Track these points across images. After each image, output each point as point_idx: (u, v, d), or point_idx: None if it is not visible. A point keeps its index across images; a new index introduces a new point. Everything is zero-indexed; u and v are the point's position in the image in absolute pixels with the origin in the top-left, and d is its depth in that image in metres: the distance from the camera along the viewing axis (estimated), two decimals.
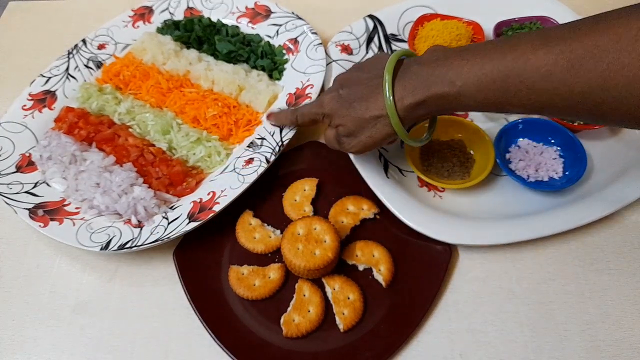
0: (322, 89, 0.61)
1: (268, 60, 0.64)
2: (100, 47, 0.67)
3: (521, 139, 0.57)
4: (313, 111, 0.49)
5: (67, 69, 0.65)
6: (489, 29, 0.66)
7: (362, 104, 0.44)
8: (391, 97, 0.41)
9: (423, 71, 0.40)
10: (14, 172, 0.55)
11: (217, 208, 0.50)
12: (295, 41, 0.66)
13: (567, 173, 0.55)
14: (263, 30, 0.68)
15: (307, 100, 0.58)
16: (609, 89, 0.32)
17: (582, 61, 0.33)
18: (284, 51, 0.66)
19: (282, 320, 0.47)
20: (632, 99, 0.32)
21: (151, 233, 0.50)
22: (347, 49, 0.66)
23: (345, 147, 0.48)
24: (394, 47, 0.68)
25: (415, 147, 0.57)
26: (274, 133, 0.56)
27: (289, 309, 0.47)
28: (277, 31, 0.67)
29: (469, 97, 0.38)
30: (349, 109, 0.45)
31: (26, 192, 0.54)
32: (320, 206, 0.54)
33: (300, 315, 0.47)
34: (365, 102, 0.43)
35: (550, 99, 0.35)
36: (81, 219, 0.52)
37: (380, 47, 0.68)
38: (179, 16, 0.71)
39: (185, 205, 0.52)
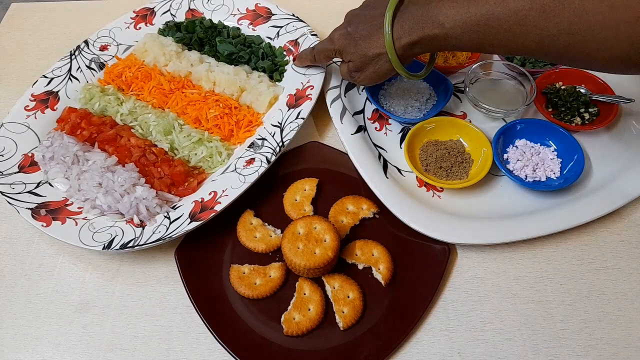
0: (322, 91, 0.62)
1: (269, 62, 0.65)
2: (103, 48, 0.68)
3: (519, 140, 0.58)
4: (326, 47, 0.54)
5: (70, 69, 0.65)
6: None
7: (366, 42, 0.48)
8: (390, 37, 0.46)
9: (418, 12, 0.45)
10: (17, 172, 0.56)
11: (218, 208, 0.51)
12: (295, 43, 0.66)
13: (564, 173, 0.55)
14: (264, 31, 0.69)
15: (306, 102, 0.59)
16: (574, 33, 0.36)
17: (552, 7, 0.37)
18: (285, 52, 0.67)
19: (282, 319, 0.47)
20: (594, 42, 0.36)
21: (153, 232, 0.50)
22: None
23: (356, 79, 0.53)
24: None
25: (412, 145, 0.58)
26: (274, 134, 0.57)
27: (289, 307, 0.48)
28: (278, 33, 0.68)
29: (455, 37, 0.43)
30: (356, 46, 0.49)
31: (29, 192, 0.54)
32: (320, 206, 0.55)
33: (300, 314, 0.47)
34: (369, 40, 0.48)
35: (524, 40, 0.39)
36: (83, 218, 0.52)
37: None
38: (181, 18, 0.71)
39: (186, 205, 0.52)
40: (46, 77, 0.64)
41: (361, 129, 0.59)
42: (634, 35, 0.34)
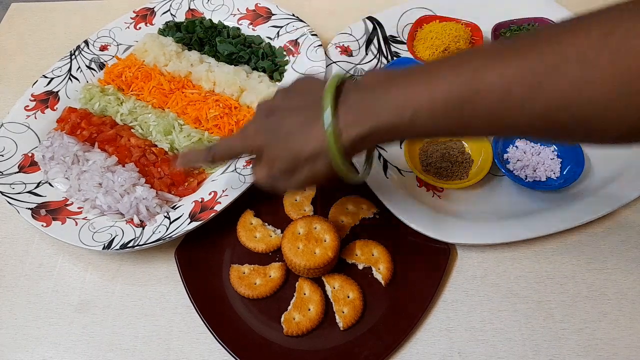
0: None
1: (269, 62, 0.65)
2: (103, 48, 0.68)
3: (519, 140, 0.58)
4: (237, 144, 0.41)
5: (70, 69, 0.65)
6: (487, 30, 0.67)
7: (299, 138, 0.36)
8: (332, 131, 0.34)
9: (366, 98, 0.34)
10: (17, 172, 0.56)
11: (218, 208, 0.51)
12: (295, 43, 0.66)
13: (564, 173, 0.55)
14: (264, 31, 0.69)
15: None
16: (573, 107, 0.29)
17: (542, 78, 0.29)
18: (285, 52, 0.67)
19: (282, 319, 0.47)
20: (598, 117, 0.28)
21: (153, 232, 0.50)
22: (346, 51, 0.66)
23: (281, 185, 0.39)
24: (393, 49, 0.68)
25: (412, 144, 0.58)
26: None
27: (289, 307, 0.48)
28: (278, 33, 0.68)
29: (421, 125, 0.33)
30: (283, 144, 0.37)
31: (29, 192, 0.54)
32: (320, 206, 0.55)
33: (300, 314, 0.47)
34: (303, 136, 0.36)
35: (511, 121, 0.31)
36: (83, 218, 0.53)
37: (379, 49, 0.68)
38: (181, 18, 0.71)
39: (186, 205, 0.52)
40: (46, 77, 0.64)
41: None
42: None
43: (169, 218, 0.51)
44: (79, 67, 0.66)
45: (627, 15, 0.27)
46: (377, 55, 0.68)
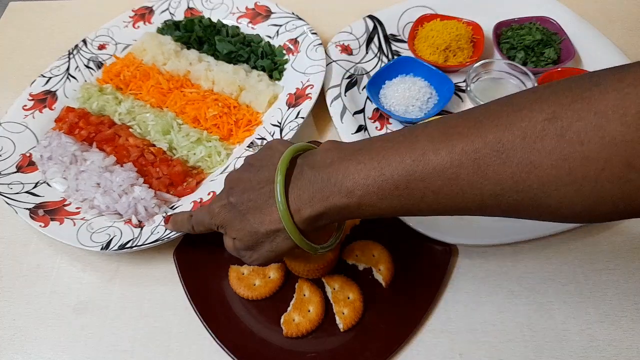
0: (322, 90, 0.61)
1: (268, 61, 0.65)
2: (101, 47, 0.67)
3: None
4: (205, 221, 0.43)
5: (68, 69, 0.65)
6: (488, 29, 0.67)
7: (256, 216, 0.37)
8: (286, 210, 0.35)
9: (317, 178, 0.35)
10: (15, 172, 0.56)
11: None
12: (295, 41, 0.66)
13: None
14: (263, 30, 0.69)
15: (306, 101, 0.58)
16: (523, 191, 0.28)
17: (488, 161, 0.29)
18: (284, 51, 0.66)
19: (282, 320, 0.47)
20: (550, 199, 0.28)
21: (151, 233, 0.50)
22: (347, 49, 0.66)
23: (246, 260, 0.41)
24: (394, 48, 0.68)
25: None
26: (274, 133, 0.57)
27: (289, 308, 0.47)
28: (277, 31, 0.68)
29: (371, 205, 0.33)
30: (242, 221, 0.38)
31: (27, 192, 0.54)
32: None
33: (300, 315, 0.47)
34: (260, 214, 0.37)
35: (461, 202, 0.31)
36: (82, 219, 0.52)
37: (380, 48, 0.68)
38: (179, 16, 0.71)
39: (185, 205, 0.52)
40: (44, 76, 0.64)
41: (362, 128, 0.59)
42: (599, 192, 0.27)
43: None
44: (77, 66, 0.65)
45: (572, 97, 0.27)
46: (378, 54, 0.67)
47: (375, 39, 0.68)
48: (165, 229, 0.50)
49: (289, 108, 0.59)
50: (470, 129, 0.30)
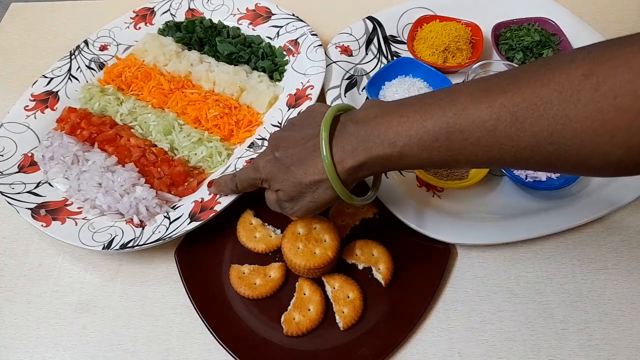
0: (322, 90, 0.62)
1: (269, 62, 0.65)
2: (102, 48, 0.68)
3: None
4: (250, 176, 0.45)
5: (69, 69, 0.65)
6: (487, 30, 0.67)
7: (300, 168, 0.39)
8: (330, 161, 0.37)
9: (361, 131, 0.37)
10: (17, 172, 0.56)
11: (218, 208, 0.51)
12: (295, 42, 0.66)
13: None
14: (264, 31, 0.69)
15: (306, 102, 0.59)
16: (558, 142, 0.30)
17: (526, 115, 0.31)
18: (285, 52, 0.66)
19: (282, 319, 0.47)
20: (583, 150, 0.30)
21: (153, 232, 0.50)
22: (346, 50, 0.66)
23: (288, 211, 0.43)
24: (393, 49, 0.68)
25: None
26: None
27: (289, 307, 0.48)
28: (278, 33, 0.68)
29: (412, 156, 0.36)
30: (287, 174, 0.40)
31: (28, 192, 0.54)
32: None
33: (300, 314, 0.47)
34: (304, 166, 0.39)
35: (497, 154, 0.33)
36: (83, 218, 0.52)
37: (379, 49, 0.68)
38: (180, 17, 0.71)
39: (186, 205, 0.52)
40: (46, 77, 0.64)
41: None
42: (631, 141, 0.29)
43: (168, 218, 0.51)
44: (79, 67, 0.66)
45: (607, 55, 0.29)
46: (377, 55, 0.68)
47: (375, 40, 0.68)
48: (167, 229, 0.50)
49: (289, 109, 0.59)
50: (509, 85, 0.32)
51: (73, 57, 0.66)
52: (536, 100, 0.30)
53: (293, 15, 0.68)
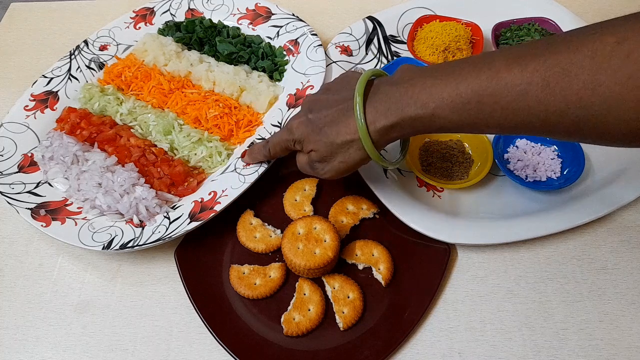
0: None
1: (269, 62, 0.65)
2: (102, 48, 0.68)
3: (519, 140, 0.58)
4: (283, 138, 0.47)
5: (69, 69, 0.65)
6: (487, 30, 0.67)
7: (333, 129, 0.41)
8: (363, 121, 0.39)
9: (395, 92, 0.39)
10: (16, 172, 0.56)
11: (218, 208, 0.51)
12: (295, 42, 0.66)
13: (565, 173, 0.55)
14: (264, 31, 0.69)
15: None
16: (587, 107, 0.31)
17: (557, 79, 0.31)
18: (285, 52, 0.66)
19: (282, 319, 0.47)
20: (611, 117, 0.31)
21: (153, 232, 0.50)
22: (346, 50, 0.66)
23: (319, 172, 0.45)
24: (393, 49, 0.68)
25: (412, 144, 0.58)
26: (274, 134, 0.57)
27: (289, 307, 0.48)
28: (278, 32, 0.68)
29: (443, 118, 0.37)
30: (320, 134, 0.42)
31: (28, 192, 0.54)
32: (320, 206, 0.55)
33: (300, 314, 0.47)
34: (336, 127, 0.41)
35: (526, 118, 0.34)
36: (83, 218, 0.52)
37: (379, 49, 0.68)
38: (180, 17, 0.71)
39: (186, 205, 0.52)
40: (46, 77, 0.64)
41: None
42: None
43: (168, 218, 0.51)
44: (79, 67, 0.66)
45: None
46: (377, 55, 0.68)
47: (375, 40, 0.68)
48: (167, 229, 0.50)
49: (289, 109, 0.59)
50: (543, 51, 0.33)
51: (73, 57, 0.66)
52: (568, 65, 0.31)
53: (293, 15, 0.68)
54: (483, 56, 0.36)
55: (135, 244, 0.49)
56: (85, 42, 0.68)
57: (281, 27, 0.68)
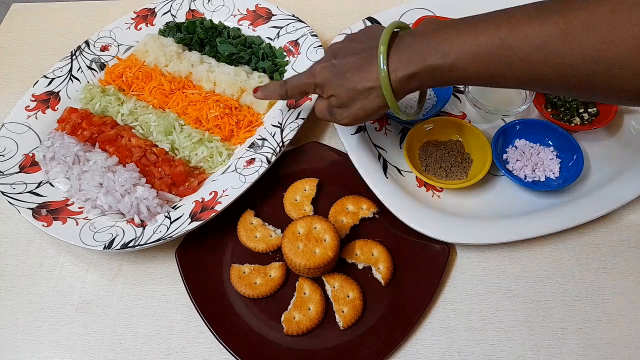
0: None
1: (269, 62, 0.65)
2: (103, 48, 0.68)
3: (518, 140, 0.58)
4: (304, 81, 0.48)
5: (70, 70, 0.65)
6: None
7: (356, 75, 0.43)
8: (385, 68, 0.40)
9: (417, 43, 0.40)
10: (18, 172, 0.56)
11: (218, 207, 0.51)
12: (295, 43, 0.67)
13: (564, 173, 0.55)
14: (264, 32, 0.69)
15: (306, 102, 0.59)
16: (602, 61, 0.32)
17: (576, 32, 0.32)
18: (285, 53, 0.67)
19: (282, 318, 0.47)
20: (624, 71, 0.32)
21: (154, 232, 0.50)
22: None
23: (337, 117, 0.47)
24: None
25: (411, 144, 0.58)
26: (274, 134, 0.57)
27: (289, 307, 0.48)
28: (278, 33, 0.68)
29: (462, 69, 0.38)
30: (342, 79, 0.44)
31: (30, 192, 0.55)
32: (321, 206, 0.55)
33: (300, 313, 0.47)
34: (359, 73, 0.43)
35: (543, 70, 0.35)
36: (84, 218, 0.53)
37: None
38: (181, 18, 0.72)
39: (187, 204, 0.53)
40: (47, 77, 0.64)
41: (361, 129, 0.59)
42: None
43: (169, 218, 0.52)
44: (80, 67, 0.66)
45: None
46: None
47: None
48: (168, 229, 0.50)
49: (289, 109, 0.60)
50: (563, 5, 0.34)
51: (74, 57, 0.66)
52: (587, 19, 0.32)
53: (293, 16, 0.69)
54: (505, 10, 0.37)
55: (136, 244, 0.50)
56: (87, 42, 0.68)
57: (281, 28, 0.68)
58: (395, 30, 0.43)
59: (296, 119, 0.58)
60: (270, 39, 0.68)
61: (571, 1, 0.34)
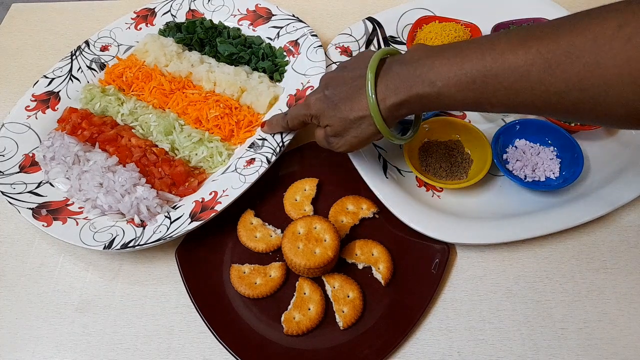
0: None
1: (269, 62, 0.65)
2: (103, 48, 0.68)
3: (518, 140, 0.58)
4: (301, 113, 0.50)
5: (70, 70, 0.65)
6: (486, 30, 0.67)
7: (347, 105, 0.44)
8: (374, 97, 0.42)
9: (404, 71, 0.41)
10: (18, 172, 0.56)
11: (218, 207, 0.51)
12: (295, 43, 0.67)
13: (563, 173, 0.55)
14: (264, 32, 0.69)
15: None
16: (586, 89, 0.32)
17: (559, 61, 0.33)
18: (285, 53, 0.67)
19: (282, 318, 0.47)
20: (609, 98, 0.32)
21: (154, 232, 0.50)
22: (346, 51, 0.66)
23: (334, 146, 0.48)
24: None
25: (411, 145, 0.58)
26: (274, 134, 0.57)
27: (289, 307, 0.48)
28: (278, 33, 0.68)
29: (449, 96, 0.39)
30: (335, 110, 0.45)
31: (30, 192, 0.55)
32: (320, 206, 0.55)
33: (300, 313, 0.47)
34: (350, 103, 0.44)
35: (528, 98, 0.35)
36: (84, 218, 0.53)
37: (379, 49, 0.68)
38: (181, 18, 0.71)
39: (187, 204, 0.53)
40: (47, 77, 0.64)
41: None
42: None
43: (169, 218, 0.52)
44: (80, 67, 0.66)
45: None
46: None
47: (375, 41, 0.69)
48: (168, 229, 0.50)
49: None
50: (547, 34, 0.34)
51: (74, 57, 0.66)
52: (570, 48, 0.32)
53: (293, 16, 0.69)
54: (490, 37, 0.38)
55: (136, 244, 0.50)
56: (87, 42, 0.68)
57: (281, 28, 0.68)
58: (383, 57, 0.43)
59: None
60: (270, 39, 0.68)
61: (554, 29, 0.34)
